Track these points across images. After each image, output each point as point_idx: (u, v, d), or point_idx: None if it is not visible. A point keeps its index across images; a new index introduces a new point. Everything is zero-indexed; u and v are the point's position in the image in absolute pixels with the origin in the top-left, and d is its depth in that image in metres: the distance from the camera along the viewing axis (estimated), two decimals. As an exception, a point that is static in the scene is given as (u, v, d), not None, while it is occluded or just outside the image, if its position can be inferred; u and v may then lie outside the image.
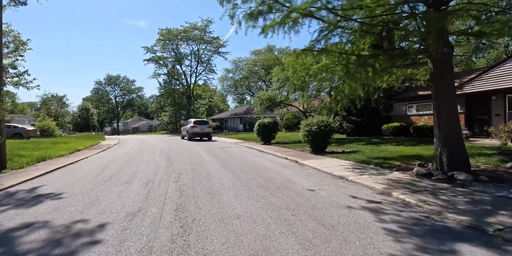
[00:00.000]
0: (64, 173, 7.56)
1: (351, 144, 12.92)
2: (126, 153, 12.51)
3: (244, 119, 41.35)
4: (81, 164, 9.29)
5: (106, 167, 8.32)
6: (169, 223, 3.62)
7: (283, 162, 9.04)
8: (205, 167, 7.98)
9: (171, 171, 7.33)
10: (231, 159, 9.59)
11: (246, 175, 6.76)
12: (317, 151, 10.88)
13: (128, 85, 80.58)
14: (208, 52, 46.03)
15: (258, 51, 57.29)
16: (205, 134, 20.87)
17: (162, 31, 42.52)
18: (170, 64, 45.92)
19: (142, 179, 6.36)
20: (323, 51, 6.26)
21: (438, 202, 4.41)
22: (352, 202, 4.57)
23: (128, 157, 10.61)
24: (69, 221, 3.80)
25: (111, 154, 12.35)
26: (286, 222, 3.63)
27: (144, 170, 7.60)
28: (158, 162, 9.01)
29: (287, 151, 11.74)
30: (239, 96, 65.46)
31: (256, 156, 10.72)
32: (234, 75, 57.60)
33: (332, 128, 10.66)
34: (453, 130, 5.99)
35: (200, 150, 13.11)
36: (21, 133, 20.50)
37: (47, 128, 24.81)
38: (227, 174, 6.90)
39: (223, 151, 12.39)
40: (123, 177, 6.68)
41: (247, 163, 8.64)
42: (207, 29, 43.60)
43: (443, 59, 5.85)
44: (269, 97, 17.18)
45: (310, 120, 10.95)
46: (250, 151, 12.50)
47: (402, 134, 16.56)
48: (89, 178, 6.62)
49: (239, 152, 11.98)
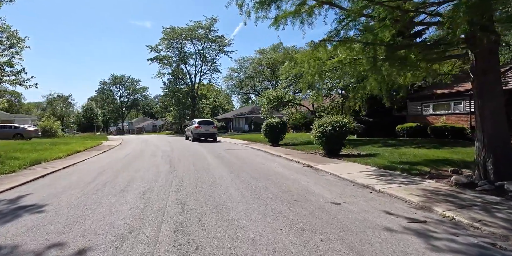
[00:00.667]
0: (56, 179, 6.86)
1: (366, 146, 12.05)
2: (126, 155, 11.82)
3: (249, 119, 40.58)
4: (77, 168, 8.60)
5: (102, 172, 7.60)
6: (165, 252, 2.84)
7: (296, 166, 8.24)
8: (210, 172, 7.21)
9: (173, 178, 6.58)
10: (239, 163, 8.81)
11: (257, 183, 5.97)
12: (331, 154, 10.05)
13: (132, 85, 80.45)
14: (213, 51, 45.40)
15: (264, 50, 56.46)
16: (210, 134, 20.14)
17: (167, 30, 41.96)
18: (174, 64, 45.36)
19: (139, 188, 5.61)
20: (347, 41, 5.43)
21: (498, 222, 3.57)
22: (390, 220, 3.75)
23: (127, 160, 9.90)
24: (43, 246, 3.06)
25: (111, 156, 11.67)
26: (316, 252, 2.83)
27: (143, 176, 6.86)
28: (159, 167, 8.27)
29: (298, 154, 10.92)
30: (244, 96, 64.69)
31: (265, 159, 9.93)
32: (239, 75, 56.86)
33: (348, 129, 9.82)
34: (500, 132, 5.12)
35: (205, 152, 12.36)
36: (22, 134, 20.01)
37: (49, 129, 24.36)
38: (235, 181, 6.12)
39: (229, 154, 11.62)
40: (118, 185, 5.94)
41: (257, 168, 7.86)
42: (212, 27, 42.96)
43: (489, 49, 4.99)
44: (277, 96, 16.36)
45: (324, 120, 10.13)
46: (258, 154, 11.71)
47: (418, 135, 15.62)
48: (80, 186, 5.89)
49: (247, 155, 11.20)
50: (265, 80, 56.68)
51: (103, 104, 76.58)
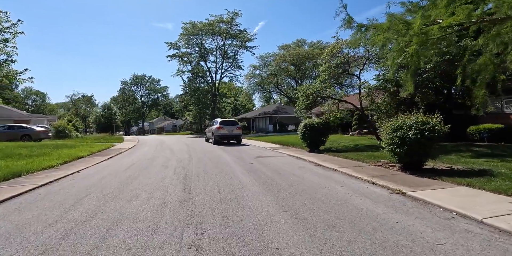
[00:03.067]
0: (8, 212, 4.36)
1: (451, 156, 8.81)
2: (132, 164, 9.34)
3: (274, 118, 37.67)
4: (55, 188, 6.11)
5: (83, 198, 5.04)
6: None
7: (378, 193, 5.27)
8: (247, 206, 4.41)
9: (185, 217, 3.86)
10: (285, 185, 5.97)
11: (344, 243, 3.09)
12: (411, 168, 7.01)
13: (153, 85, 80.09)
14: (234, 47, 42.95)
15: (287, 45, 53.42)
16: (234, 136, 17.50)
17: (186, 25, 40.01)
18: (194, 61, 43.38)
19: (124, 243, 2.95)
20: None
21: None
22: None
23: (129, 175, 7.33)
24: None
25: (113, 165, 9.24)
26: None
27: (139, 211, 4.20)
28: (168, 189, 5.60)
29: (360, 167, 7.94)
30: (265, 95, 61.84)
31: (318, 175, 7.04)
32: (261, 72, 54.07)
33: (440, 133, 6.71)
34: None
35: (231, 161, 9.66)
36: (30, 135, 18.36)
37: (62, 129, 22.79)
38: (298, 235, 3.28)
39: (263, 164, 8.84)
40: (93, 233, 3.31)
41: (319, 197, 4.98)
42: (234, 22, 40.51)
43: None
44: (316, 91, 13.41)
45: (401, 121, 7.08)
46: (302, 165, 8.82)
47: (502, 140, 12.07)
48: (28, 234, 3.32)
49: (289, 167, 8.36)
50: (290, 77, 53.60)
51: (125, 104, 76.66)
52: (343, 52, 13.55)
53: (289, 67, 51.36)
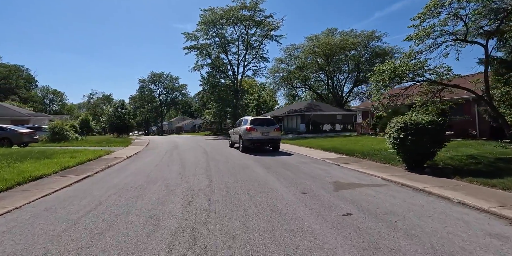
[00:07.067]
0: None
1: None
2: (116, 192, 4.70)
3: (306, 117, 32.44)
4: None
5: None
6: None
7: None
8: None
9: None
10: None
11: None
12: None
13: (171, 83, 77.04)
14: (258, 37, 38.08)
15: (316, 36, 47.80)
16: (271, 141, 12.63)
17: (205, 13, 35.57)
18: (214, 53, 38.97)
19: None
20: None
21: None
22: None
23: (101, 221, 2.67)
24: None
25: (86, 193, 4.64)
26: None
27: None
28: None
29: None
30: (291, 92, 56.52)
31: None
32: (287, 66, 48.83)
33: None
34: None
35: (296, 203, 4.73)
36: (10, 138, 14.50)
37: (58, 130, 18.98)
38: None
39: (372, 215, 3.90)
40: None
41: None
42: (258, 7, 35.62)
43: None
44: (408, 68, 8.36)
45: None
46: (438, 209, 3.79)
47: None
48: None
49: (419, 222, 3.35)
50: (320, 71, 48.07)
51: (143, 103, 74.02)
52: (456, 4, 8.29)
53: (319, 60, 45.83)
